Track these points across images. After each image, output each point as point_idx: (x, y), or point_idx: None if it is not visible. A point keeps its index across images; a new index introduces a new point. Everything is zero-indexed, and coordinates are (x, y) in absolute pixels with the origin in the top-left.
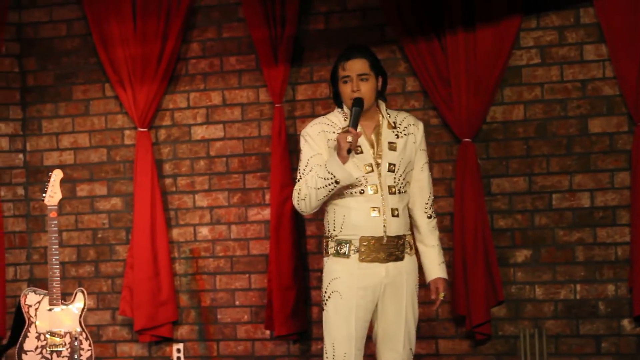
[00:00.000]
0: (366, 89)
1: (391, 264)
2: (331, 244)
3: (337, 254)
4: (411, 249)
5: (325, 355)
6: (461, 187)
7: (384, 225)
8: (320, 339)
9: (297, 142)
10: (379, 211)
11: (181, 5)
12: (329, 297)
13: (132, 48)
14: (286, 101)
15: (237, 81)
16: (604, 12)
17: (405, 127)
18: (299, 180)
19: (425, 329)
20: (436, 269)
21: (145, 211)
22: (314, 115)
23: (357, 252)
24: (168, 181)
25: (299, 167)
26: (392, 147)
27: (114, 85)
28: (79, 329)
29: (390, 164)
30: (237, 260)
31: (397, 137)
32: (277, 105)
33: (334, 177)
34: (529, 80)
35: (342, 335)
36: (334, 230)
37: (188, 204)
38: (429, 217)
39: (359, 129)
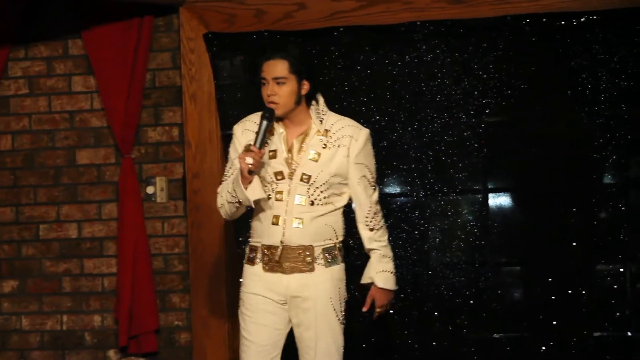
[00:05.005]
0: (283, 93)
1: (295, 276)
2: (246, 250)
3: (248, 260)
4: (330, 260)
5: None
6: None
7: (283, 235)
8: None
9: None
10: (280, 220)
11: None
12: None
13: None
14: None
15: None
16: (92, 45)
17: (339, 138)
18: (221, 183)
19: None
20: (369, 275)
21: None
22: None
23: (260, 261)
24: None
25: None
26: (314, 157)
27: None
28: None
29: (304, 174)
30: None
31: (325, 147)
32: None
33: (237, 197)
34: (17, 111)
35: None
36: (248, 235)
37: None
38: (371, 230)
39: (278, 133)
